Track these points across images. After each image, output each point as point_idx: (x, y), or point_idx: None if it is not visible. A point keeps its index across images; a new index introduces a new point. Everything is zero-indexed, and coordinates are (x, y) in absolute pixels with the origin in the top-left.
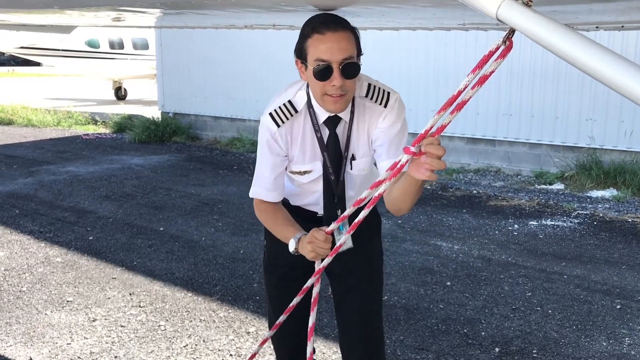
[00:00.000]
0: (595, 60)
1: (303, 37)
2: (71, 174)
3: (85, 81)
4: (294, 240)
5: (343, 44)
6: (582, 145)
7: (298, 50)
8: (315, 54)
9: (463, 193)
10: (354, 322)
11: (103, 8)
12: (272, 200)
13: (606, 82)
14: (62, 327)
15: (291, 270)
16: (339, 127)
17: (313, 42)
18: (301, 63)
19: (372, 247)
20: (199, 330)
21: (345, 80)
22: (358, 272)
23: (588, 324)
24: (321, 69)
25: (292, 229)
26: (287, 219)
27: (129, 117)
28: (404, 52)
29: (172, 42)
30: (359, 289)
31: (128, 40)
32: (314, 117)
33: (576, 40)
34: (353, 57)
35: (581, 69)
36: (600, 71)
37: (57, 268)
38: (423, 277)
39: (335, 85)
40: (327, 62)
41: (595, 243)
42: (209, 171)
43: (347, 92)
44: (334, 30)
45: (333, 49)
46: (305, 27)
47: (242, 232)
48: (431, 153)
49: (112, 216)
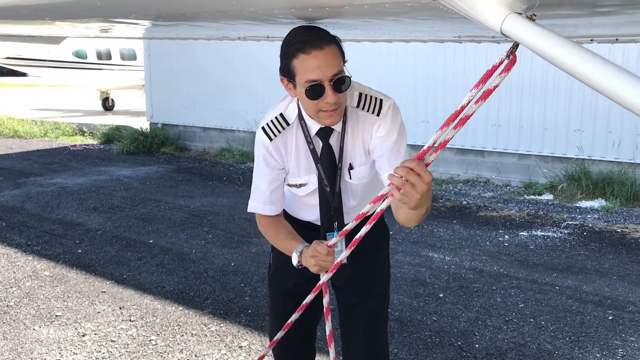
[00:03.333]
0: (599, 73)
1: (287, 57)
2: (59, 186)
3: (72, 92)
4: (297, 254)
5: (330, 60)
6: (571, 155)
7: (285, 70)
8: (305, 75)
9: (453, 204)
10: (360, 337)
11: (95, 19)
12: (271, 214)
13: (610, 95)
14: (51, 342)
15: (297, 285)
16: (332, 138)
17: (300, 62)
18: (288, 81)
19: (379, 261)
20: (191, 345)
21: (339, 95)
22: (365, 286)
23: (581, 335)
24: (313, 89)
25: (293, 242)
26: (288, 232)
27: (116, 127)
28: (393, 61)
29: (160, 53)
30: (366, 303)
31: (116, 51)
32: (305, 129)
33: (580, 54)
34: (342, 71)
35: (585, 82)
36: (604, 85)
37: (45, 282)
38: (416, 288)
39: (330, 102)
40: (318, 82)
41: (585, 254)
42: (198, 182)
43: (341, 104)
44: (320, 48)
45: (322, 67)
46: (288, 47)
47: (233, 244)
48: (403, 183)
49: (100, 228)
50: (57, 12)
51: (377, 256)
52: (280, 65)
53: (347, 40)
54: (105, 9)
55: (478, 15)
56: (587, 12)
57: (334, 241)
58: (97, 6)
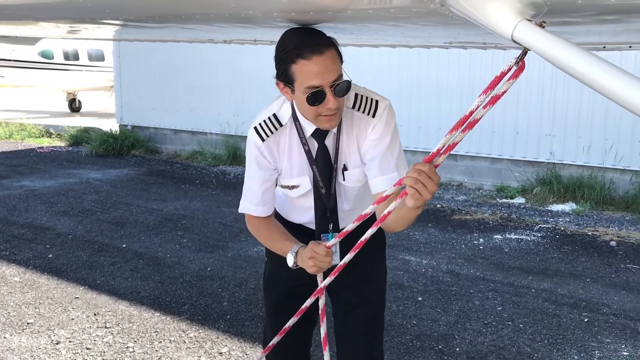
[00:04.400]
0: (609, 80)
1: (286, 62)
2: (26, 189)
3: (37, 92)
4: (292, 254)
5: (330, 65)
6: (542, 160)
7: (282, 75)
8: (305, 81)
9: (427, 207)
10: (354, 343)
11: (66, 21)
12: (262, 215)
13: (621, 102)
14: (23, 351)
15: (293, 288)
16: (328, 138)
17: (300, 68)
18: (285, 85)
19: (375, 266)
20: (170, 352)
21: (339, 99)
22: (361, 291)
23: (559, 337)
24: (314, 95)
25: (287, 242)
26: (281, 232)
27: (85, 129)
28: (394, 67)
29: (130, 54)
30: (361, 309)
31: (83, 52)
32: (300, 130)
33: (590, 61)
34: (342, 74)
35: (596, 89)
36: (615, 91)
37: (15, 288)
38: (395, 292)
39: (331, 108)
40: (319, 88)
41: (559, 257)
42: (170, 185)
43: (340, 108)
44: (320, 53)
45: (323, 73)
46: (287, 52)
47: (208, 248)
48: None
49: (71, 233)
50: (33, 13)
51: (372, 261)
52: (277, 70)
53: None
54: (95, 10)
55: (489, 21)
56: (595, 20)
57: (333, 242)
58: (89, 7)
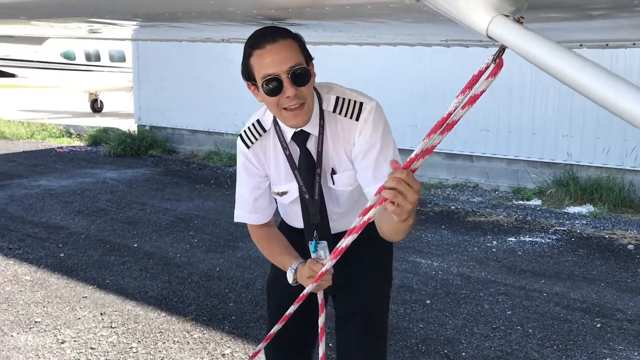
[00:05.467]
0: (587, 78)
1: (245, 58)
2: (43, 188)
3: (61, 93)
4: (292, 271)
5: (286, 52)
6: (559, 161)
7: (244, 73)
8: (261, 71)
9: (441, 209)
10: (353, 349)
11: (73, 20)
12: (257, 223)
13: (599, 100)
14: (29, 349)
15: (295, 295)
16: (309, 142)
17: (255, 59)
18: (252, 85)
19: (378, 271)
20: (172, 353)
21: (299, 88)
22: (363, 296)
23: (569, 343)
24: (270, 84)
25: (287, 257)
26: (282, 245)
27: (104, 129)
28: (378, 63)
29: (149, 55)
30: (361, 316)
31: (105, 53)
32: (280, 134)
33: (569, 59)
34: (301, 63)
35: (573, 87)
36: (592, 89)
37: (25, 287)
38: (402, 295)
39: (290, 96)
40: (274, 75)
41: (573, 260)
42: (185, 185)
43: (305, 101)
44: (273, 41)
45: (276, 60)
46: (245, 47)
47: (219, 248)
48: (394, 195)
49: (84, 232)
50: (33, 12)
51: (375, 266)
52: (241, 70)
53: (334, 43)
54: (83, 8)
55: (463, 17)
56: (577, 16)
57: (329, 265)
58: (74, 5)
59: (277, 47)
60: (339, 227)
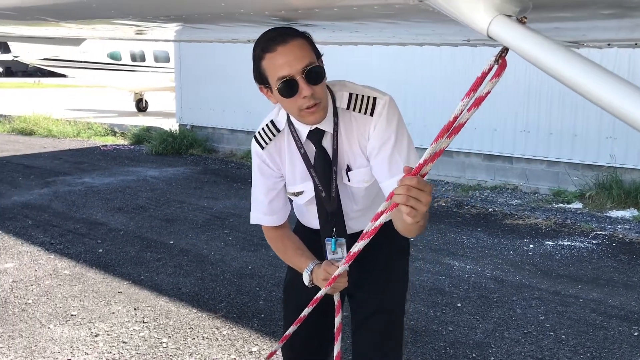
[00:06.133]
0: (590, 81)
1: (256, 61)
2: (86, 185)
3: (108, 93)
4: (307, 273)
5: (298, 52)
6: (602, 163)
7: (257, 76)
8: (275, 73)
9: (479, 211)
10: (370, 350)
11: (92, 22)
12: (272, 225)
13: (601, 103)
14: (64, 341)
15: (313, 296)
16: (325, 140)
17: (267, 62)
18: (265, 88)
19: (394, 272)
20: (201, 349)
21: (314, 87)
22: (378, 298)
23: (603, 351)
24: (286, 86)
25: (302, 258)
26: (297, 247)
27: (147, 128)
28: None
29: (191, 55)
30: (378, 317)
31: (150, 53)
32: (295, 133)
33: (571, 60)
34: (314, 62)
35: (575, 89)
36: (595, 92)
37: (64, 281)
38: (433, 297)
39: (307, 97)
40: (289, 77)
41: (613, 265)
42: (223, 184)
43: (321, 99)
44: (284, 43)
45: (290, 61)
46: (255, 50)
47: (252, 247)
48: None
49: (123, 228)
50: (60, 14)
51: (392, 267)
52: (253, 74)
53: (347, 43)
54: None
55: (464, 17)
56: (583, 15)
57: (341, 269)
58: (93, 7)
59: (289, 47)
60: (356, 227)
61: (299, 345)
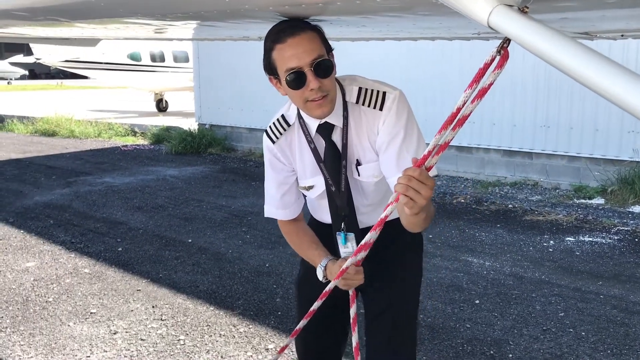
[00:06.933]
0: (593, 71)
1: (266, 52)
2: (107, 185)
3: (129, 93)
4: (321, 268)
5: (307, 45)
6: (624, 158)
7: (267, 67)
8: (284, 65)
9: (498, 207)
10: (382, 347)
11: (99, 22)
12: (285, 218)
13: (605, 94)
14: (83, 339)
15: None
16: (334, 134)
17: (277, 53)
18: (274, 79)
19: (407, 267)
20: (218, 346)
21: (322, 80)
22: (391, 293)
23: (624, 348)
24: (294, 78)
25: (317, 252)
26: (312, 241)
27: (166, 128)
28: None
29: (209, 54)
30: (391, 312)
31: (169, 53)
32: (305, 128)
33: (574, 50)
34: (323, 55)
35: (579, 80)
36: (598, 83)
37: (84, 279)
38: (451, 294)
39: (314, 89)
40: (297, 69)
41: (635, 261)
42: (242, 183)
43: (329, 92)
44: (294, 35)
45: (299, 53)
46: (265, 42)
47: (270, 245)
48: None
49: (142, 227)
50: (71, 14)
51: (405, 262)
52: (263, 64)
53: (358, 39)
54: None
55: (463, 7)
56: (589, 4)
57: (361, 257)
58: (101, 6)
59: (299, 40)
60: (368, 221)
61: (311, 339)
